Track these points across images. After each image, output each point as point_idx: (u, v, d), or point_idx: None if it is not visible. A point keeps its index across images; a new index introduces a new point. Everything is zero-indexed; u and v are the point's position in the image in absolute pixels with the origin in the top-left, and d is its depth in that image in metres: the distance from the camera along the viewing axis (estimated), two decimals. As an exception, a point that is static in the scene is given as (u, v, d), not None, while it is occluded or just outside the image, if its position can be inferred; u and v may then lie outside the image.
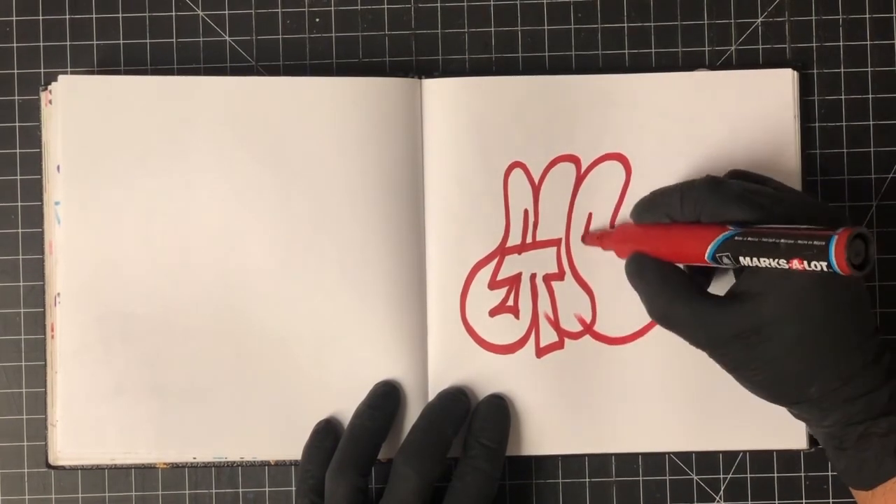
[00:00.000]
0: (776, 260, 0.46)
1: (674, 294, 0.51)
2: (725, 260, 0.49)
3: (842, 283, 0.48)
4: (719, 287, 0.55)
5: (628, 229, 0.55)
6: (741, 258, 0.48)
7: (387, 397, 0.57)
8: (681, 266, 0.53)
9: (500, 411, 0.57)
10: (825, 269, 0.44)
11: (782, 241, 0.46)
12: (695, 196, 0.51)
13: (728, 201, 0.50)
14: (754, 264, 0.47)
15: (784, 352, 0.49)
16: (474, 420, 0.57)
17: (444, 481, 0.56)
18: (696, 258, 0.50)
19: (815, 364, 0.49)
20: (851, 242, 0.44)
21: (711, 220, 0.50)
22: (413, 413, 0.58)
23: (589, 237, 0.58)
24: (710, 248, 0.49)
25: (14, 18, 0.61)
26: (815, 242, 0.44)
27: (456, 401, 0.57)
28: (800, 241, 0.45)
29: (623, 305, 0.58)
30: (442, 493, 0.55)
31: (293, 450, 0.58)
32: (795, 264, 0.45)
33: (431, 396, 0.58)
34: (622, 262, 0.57)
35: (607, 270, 0.58)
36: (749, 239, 0.47)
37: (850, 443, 0.50)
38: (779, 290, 0.49)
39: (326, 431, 0.57)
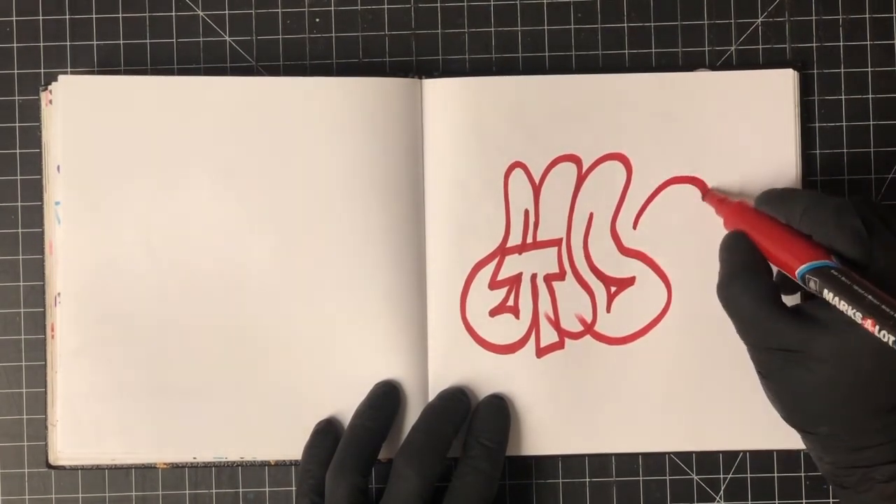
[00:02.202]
0: (855, 310, 0.47)
1: (749, 283, 0.51)
2: (811, 284, 0.49)
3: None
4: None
5: (747, 209, 0.55)
6: (826, 291, 0.48)
7: (387, 397, 0.57)
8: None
9: (500, 411, 0.57)
10: (892, 345, 0.45)
11: (870, 297, 0.47)
12: (814, 220, 0.51)
13: (841, 233, 0.50)
14: (833, 302, 0.48)
15: (815, 388, 0.49)
16: (474, 420, 0.57)
17: (443, 481, 0.56)
18: (787, 269, 0.51)
19: (837, 412, 0.50)
20: None
21: (815, 236, 0.51)
22: (413, 413, 0.58)
23: (710, 196, 0.58)
24: (803, 267, 0.50)
25: (14, 18, 0.61)
26: (889, 328, 0.46)
27: (456, 401, 0.57)
28: (884, 307, 0.46)
29: (624, 306, 0.58)
30: (442, 494, 0.55)
31: (293, 450, 0.58)
32: (868, 325, 0.46)
33: (432, 396, 0.58)
34: (624, 262, 0.57)
35: (608, 270, 0.58)
36: (842, 279, 0.48)
37: (851, 484, 0.51)
38: (842, 334, 0.49)
39: (327, 431, 0.57)
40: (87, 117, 0.58)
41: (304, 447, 0.57)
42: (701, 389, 0.58)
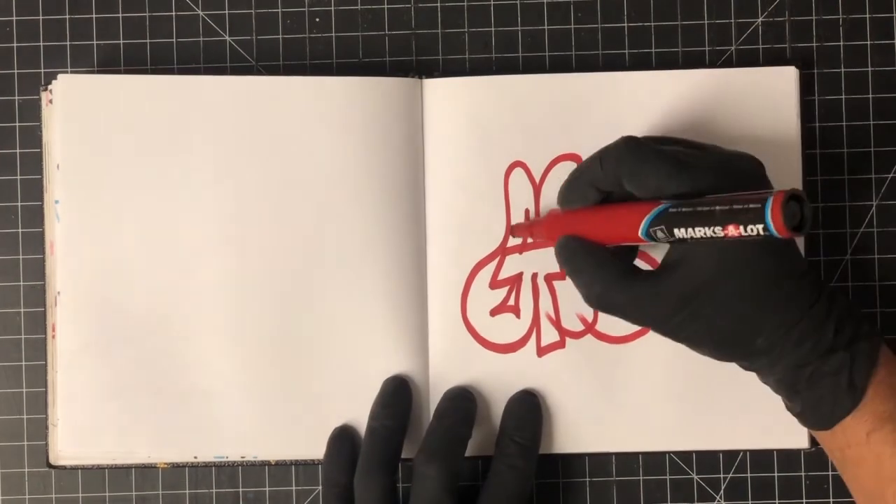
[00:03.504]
0: (711, 228, 0.45)
1: (609, 278, 0.51)
2: (660, 234, 0.48)
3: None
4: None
5: (557, 215, 0.55)
6: (676, 230, 0.47)
7: (399, 393, 0.57)
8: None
9: (532, 409, 0.57)
10: (762, 232, 0.43)
11: (717, 207, 0.45)
12: (614, 158, 0.50)
13: (647, 158, 0.49)
14: (689, 235, 0.46)
15: (725, 310, 0.49)
16: (507, 418, 0.57)
17: (463, 480, 0.56)
18: (629, 236, 0.49)
19: (758, 316, 0.49)
20: (787, 204, 0.43)
21: (632, 181, 0.50)
22: (416, 412, 0.58)
23: (518, 228, 0.58)
24: (643, 222, 0.48)
25: (14, 18, 0.61)
26: (751, 206, 0.43)
27: (465, 399, 0.57)
28: (735, 206, 0.44)
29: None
30: (475, 494, 0.56)
31: (294, 449, 0.58)
32: (731, 230, 0.44)
33: (433, 396, 0.58)
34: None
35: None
36: (683, 210, 0.46)
37: (803, 385, 0.50)
38: (707, 250, 0.48)
39: (343, 438, 0.57)
40: (87, 117, 0.58)
41: (322, 459, 0.57)
42: (701, 389, 0.58)
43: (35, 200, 0.60)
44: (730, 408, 0.58)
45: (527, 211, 0.58)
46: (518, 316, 0.58)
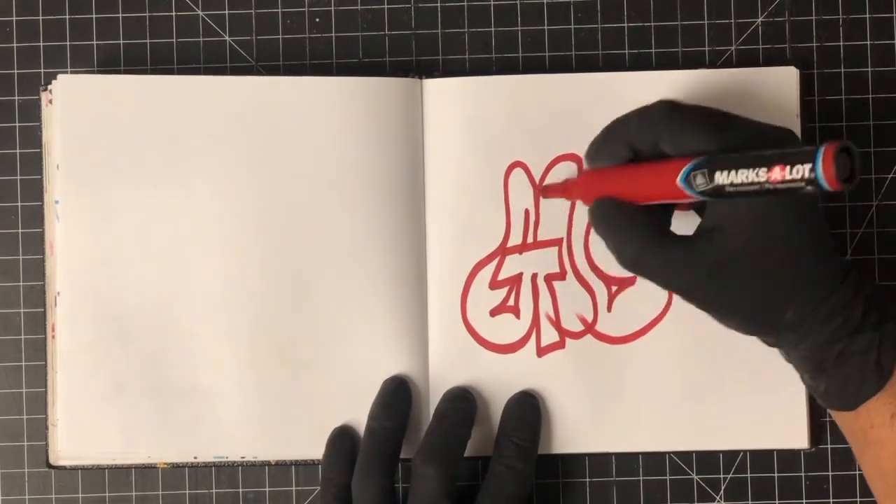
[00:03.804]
0: (755, 170, 0.43)
1: (644, 240, 0.50)
2: (699, 179, 0.46)
3: (802, 203, 0.48)
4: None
5: (593, 174, 0.54)
6: (717, 174, 0.45)
7: (399, 393, 0.57)
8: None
9: (531, 410, 0.57)
10: (808, 174, 0.41)
11: (761, 153, 0.44)
12: (653, 118, 0.50)
13: (687, 120, 0.49)
14: (730, 181, 0.45)
15: (757, 279, 0.49)
16: (506, 419, 0.57)
17: (462, 480, 0.56)
18: (667, 187, 0.48)
19: (789, 287, 0.49)
20: (838, 156, 0.41)
21: (670, 142, 0.49)
22: (416, 413, 0.58)
23: (551, 189, 0.57)
24: (684, 169, 0.47)
25: (14, 18, 0.61)
26: (803, 150, 0.42)
27: (465, 400, 0.57)
28: (785, 151, 0.43)
29: (625, 305, 0.58)
30: (474, 494, 0.56)
31: (294, 450, 0.58)
32: (776, 174, 0.42)
33: (433, 396, 0.58)
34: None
35: (609, 270, 0.58)
36: (724, 158, 0.45)
37: (830, 363, 0.50)
38: (743, 218, 0.48)
39: (342, 438, 0.57)
40: (87, 117, 0.58)
41: (321, 458, 0.57)
42: (701, 389, 0.58)
43: (35, 200, 0.60)
44: (730, 408, 0.58)
45: (527, 211, 0.58)
46: (518, 316, 0.58)
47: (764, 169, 0.43)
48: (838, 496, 0.59)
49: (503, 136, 0.58)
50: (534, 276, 0.59)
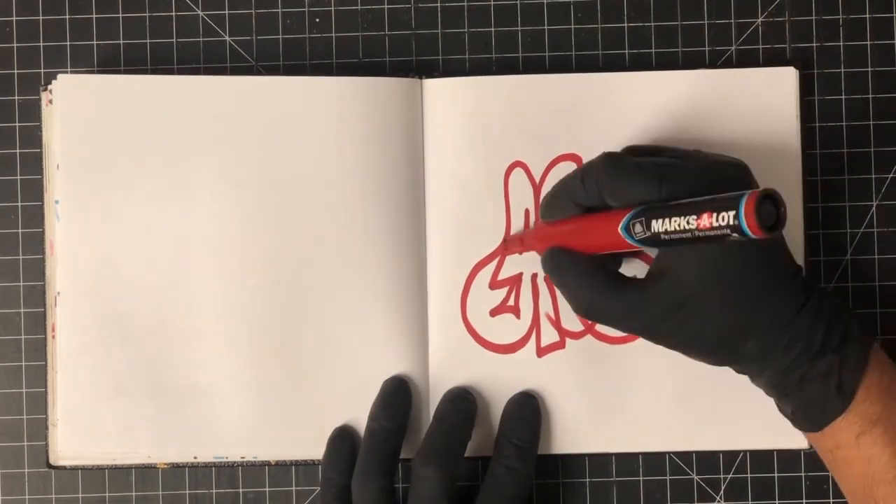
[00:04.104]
0: (686, 218, 0.45)
1: (598, 286, 0.51)
2: (638, 228, 0.47)
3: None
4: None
5: (545, 226, 0.55)
6: (654, 222, 0.47)
7: (399, 394, 0.57)
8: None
9: (531, 410, 0.57)
10: (733, 221, 0.42)
11: (694, 202, 0.45)
12: (594, 174, 0.51)
13: (627, 174, 0.49)
14: (664, 228, 0.46)
15: (712, 317, 0.49)
16: (505, 420, 0.57)
17: (462, 481, 0.56)
18: (612, 237, 0.49)
19: (746, 321, 0.49)
20: (761, 203, 0.42)
21: (613, 197, 0.50)
22: (416, 413, 0.58)
23: (510, 242, 0.58)
24: (624, 219, 0.48)
25: (14, 18, 0.61)
26: (726, 199, 0.43)
27: (465, 401, 0.57)
28: (710, 198, 0.44)
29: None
30: (474, 494, 0.56)
31: (294, 450, 0.58)
32: (704, 220, 0.44)
33: (433, 396, 0.58)
34: (624, 261, 0.57)
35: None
36: (661, 208, 0.47)
37: (793, 388, 0.50)
38: (694, 258, 0.49)
39: (342, 438, 0.57)
40: (87, 117, 0.58)
41: (322, 459, 0.57)
42: (701, 389, 0.58)
43: (35, 200, 0.60)
44: (730, 408, 0.58)
45: (527, 211, 0.58)
46: (518, 316, 0.58)
47: (693, 216, 0.44)
48: (838, 496, 0.59)
49: (503, 136, 0.58)
50: (534, 276, 0.59)
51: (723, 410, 0.58)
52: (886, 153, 0.60)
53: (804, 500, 0.60)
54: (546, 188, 0.58)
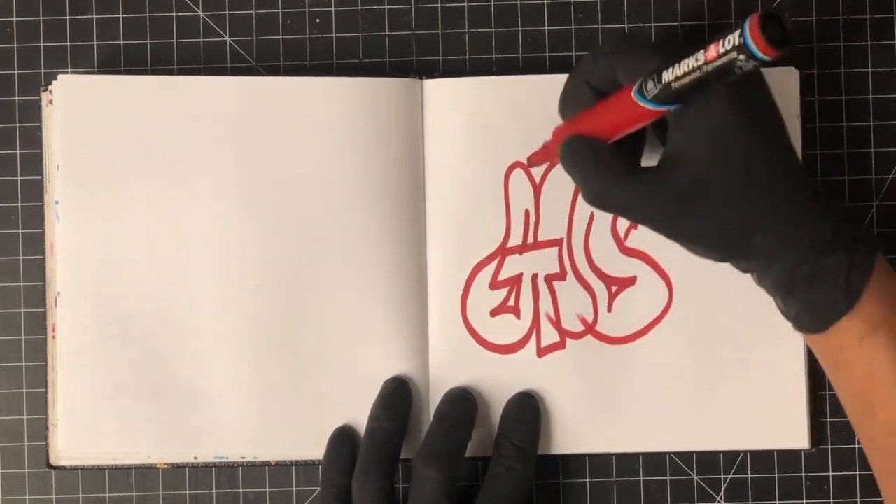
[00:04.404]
0: (694, 56, 0.44)
1: (610, 172, 0.50)
2: (650, 85, 0.47)
3: (757, 116, 0.48)
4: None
5: (565, 125, 0.54)
6: (664, 73, 0.46)
7: (399, 394, 0.57)
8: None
9: (531, 411, 0.57)
10: (738, 41, 0.42)
11: (700, 46, 0.45)
12: (606, 51, 0.50)
13: (637, 46, 0.49)
14: (674, 75, 0.45)
15: (722, 204, 0.49)
16: (505, 420, 0.57)
17: (462, 481, 0.56)
18: (626, 109, 0.49)
19: (757, 210, 0.49)
20: (766, 21, 0.42)
21: (626, 72, 0.49)
22: (416, 413, 0.58)
23: (534, 156, 0.57)
24: (638, 82, 0.48)
25: (14, 18, 0.61)
26: (732, 33, 0.43)
27: (465, 401, 0.57)
28: (718, 40, 0.44)
29: (625, 305, 0.58)
30: (474, 495, 0.56)
31: (294, 450, 0.58)
32: (711, 51, 0.43)
33: (433, 397, 0.58)
34: (625, 262, 0.57)
35: (609, 270, 0.58)
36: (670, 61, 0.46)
37: (800, 286, 0.50)
38: (703, 142, 0.48)
39: (342, 439, 0.57)
40: (87, 117, 0.58)
41: (322, 459, 0.57)
42: (701, 389, 0.58)
43: (35, 201, 0.60)
44: (730, 408, 0.58)
45: (527, 212, 0.58)
46: (518, 317, 0.58)
47: (701, 52, 0.44)
48: (838, 496, 0.59)
49: (503, 136, 0.58)
50: (534, 277, 0.59)
51: (723, 410, 0.58)
52: (886, 153, 0.60)
53: (804, 501, 0.60)
54: (546, 188, 0.58)
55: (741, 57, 0.43)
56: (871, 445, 0.52)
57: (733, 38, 0.42)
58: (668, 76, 0.46)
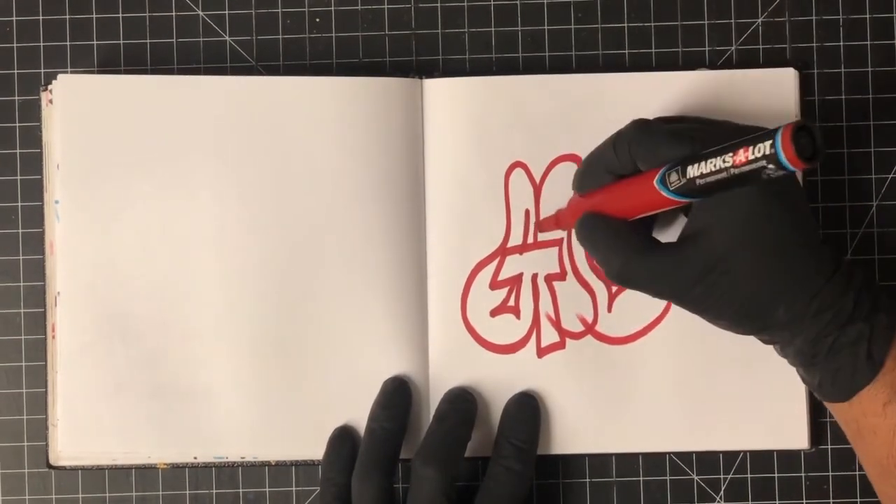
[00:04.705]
0: (722, 157, 0.44)
1: (629, 250, 0.50)
2: (674, 176, 0.47)
3: (785, 199, 0.49)
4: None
5: (579, 199, 0.55)
6: (689, 168, 0.46)
7: (399, 394, 0.57)
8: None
9: (530, 411, 0.57)
10: (769, 151, 0.42)
11: (725, 145, 0.45)
12: (626, 140, 0.51)
13: (660, 139, 0.49)
14: (700, 172, 0.46)
15: (745, 280, 0.49)
16: (505, 420, 0.57)
17: (461, 480, 0.56)
18: (646, 194, 0.49)
19: (779, 284, 0.49)
20: (797, 134, 0.42)
21: (646, 162, 0.50)
22: (416, 413, 0.58)
23: (545, 222, 0.58)
24: (660, 172, 0.48)
25: (14, 18, 0.61)
26: (762, 135, 0.43)
27: (465, 401, 0.57)
28: (745, 137, 0.44)
29: (625, 305, 0.58)
30: (473, 495, 0.56)
31: (294, 450, 0.58)
32: (741, 156, 0.43)
33: (433, 397, 0.58)
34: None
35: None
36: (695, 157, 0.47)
37: (821, 357, 0.50)
38: (727, 219, 0.48)
39: (342, 438, 0.57)
40: (87, 117, 0.58)
41: (322, 458, 0.57)
42: (701, 389, 0.58)
43: (35, 200, 0.60)
44: (730, 408, 0.58)
45: (527, 211, 0.58)
46: (518, 317, 0.58)
47: (730, 154, 0.44)
48: (838, 496, 0.59)
49: (503, 136, 0.58)
50: (534, 277, 0.59)
51: (723, 410, 0.58)
52: (886, 153, 0.60)
53: (804, 501, 0.60)
54: (546, 188, 0.58)
55: (770, 166, 0.43)
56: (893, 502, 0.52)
57: (764, 148, 0.42)
58: (692, 172, 0.46)
